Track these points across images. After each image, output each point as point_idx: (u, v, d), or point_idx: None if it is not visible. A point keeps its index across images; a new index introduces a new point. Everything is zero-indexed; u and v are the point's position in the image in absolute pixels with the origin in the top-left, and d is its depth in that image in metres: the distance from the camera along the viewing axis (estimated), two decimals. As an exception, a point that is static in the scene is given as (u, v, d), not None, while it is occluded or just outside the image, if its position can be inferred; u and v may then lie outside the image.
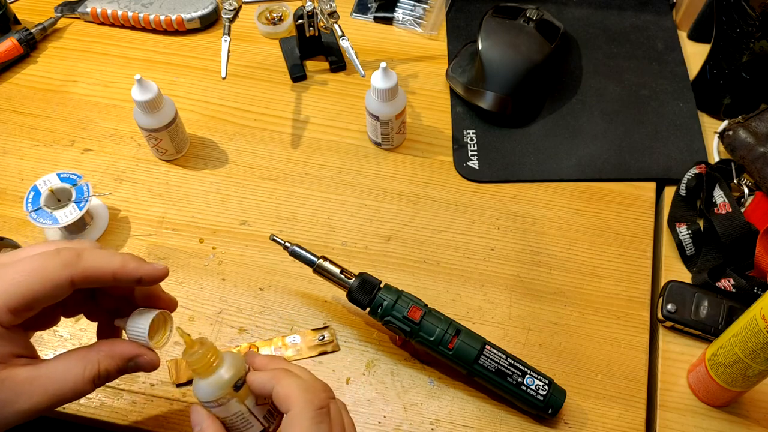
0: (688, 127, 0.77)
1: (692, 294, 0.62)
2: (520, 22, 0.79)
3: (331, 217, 0.71)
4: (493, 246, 0.69)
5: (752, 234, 0.64)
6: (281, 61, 0.85)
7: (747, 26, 0.72)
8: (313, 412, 0.45)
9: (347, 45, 0.73)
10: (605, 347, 0.63)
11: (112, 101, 0.81)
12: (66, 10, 0.89)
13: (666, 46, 0.84)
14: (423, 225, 0.71)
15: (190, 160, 0.76)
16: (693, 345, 0.62)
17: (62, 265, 0.44)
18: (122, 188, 0.74)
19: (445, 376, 0.61)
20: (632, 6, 0.88)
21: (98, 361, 0.46)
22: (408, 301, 0.59)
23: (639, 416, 0.59)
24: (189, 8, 0.87)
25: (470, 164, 0.75)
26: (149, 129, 0.71)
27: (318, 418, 0.45)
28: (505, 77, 0.76)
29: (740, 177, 0.71)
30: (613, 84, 0.81)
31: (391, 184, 0.74)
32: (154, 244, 0.70)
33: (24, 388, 0.43)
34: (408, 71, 0.83)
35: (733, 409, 0.59)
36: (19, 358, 0.44)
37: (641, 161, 0.75)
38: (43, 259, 0.44)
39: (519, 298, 0.66)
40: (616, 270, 0.67)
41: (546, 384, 0.57)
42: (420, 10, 0.89)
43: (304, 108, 0.80)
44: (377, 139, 0.75)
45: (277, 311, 0.65)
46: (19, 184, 0.74)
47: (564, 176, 0.74)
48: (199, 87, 0.83)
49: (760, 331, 0.48)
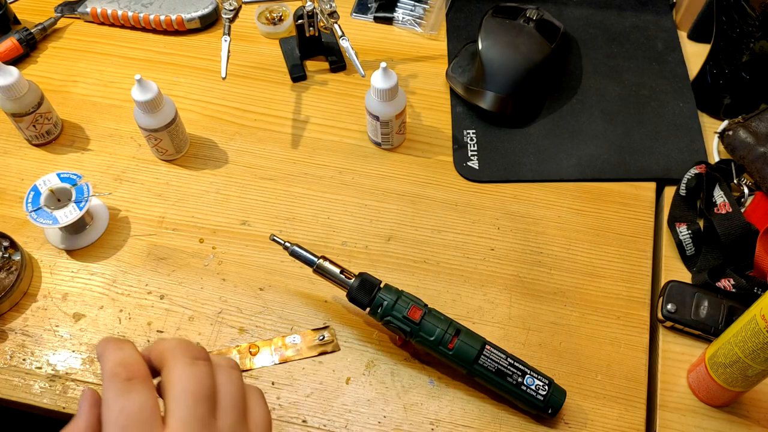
0: (688, 127, 0.77)
1: (692, 294, 0.62)
2: (520, 22, 0.79)
3: (331, 217, 0.71)
4: (493, 246, 0.69)
5: (752, 234, 0.64)
6: (281, 61, 0.85)
7: (747, 26, 0.72)
8: (190, 359, 0.38)
9: (347, 45, 0.73)
10: (605, 347, 0.63)
11: (112, 101, 0.81)
12: (66, 10, 0.89)
13: (666, 46, 0.84)
14: (423, 225, 0.71)
15: (190, 160, 0.76)
16: (693, 345, 0.62)
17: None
18: (122, 188, 0.74)
19: (445, 376, 0.61)
20: (632, 6, 0.88)
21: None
22: (408, 301, 0.59)
23: (639, 416, 0.59)
24: (189, 8, 0.87)
25: (470, 164, 0.75)
26: (149, 129, 0.71)
27: (194, 366, 0.37)
28: (505, 77, 0.76)
29: (740, 177, 0.71)
30: (613, 84, 0.81)
31: (391, 184, 0.74)
32: (154, 244, 0.70)
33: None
34: (408, 71, 0.83)
35: (733, 409, 0.59)
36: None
37: (641, 161, 0.75)
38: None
39: (519, 298, 0.66)
40: (616, 270, 0.67)
41: (546, 384, 0.57)
42: (420, 10, 0.89)
43: (304, 108, 0.80)
44: (377, 139, 0.75)
45: (277, 311, 0.65)
46: (19, 184, 0.74)
47: (564, 176, 0.74)
48: (199, 87, 0.83)
49: (760, 331, 0.48)
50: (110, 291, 0.67)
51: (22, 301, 0.66)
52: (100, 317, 0.65)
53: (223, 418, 0.38)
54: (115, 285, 0.67)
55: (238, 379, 0.40)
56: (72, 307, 0.66)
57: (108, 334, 0.64)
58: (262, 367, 0.62)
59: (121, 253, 0.69)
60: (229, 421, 0.38)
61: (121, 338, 0.42)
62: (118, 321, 0.65)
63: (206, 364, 0.38)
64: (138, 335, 0.64)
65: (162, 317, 0.65)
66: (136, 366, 0.37)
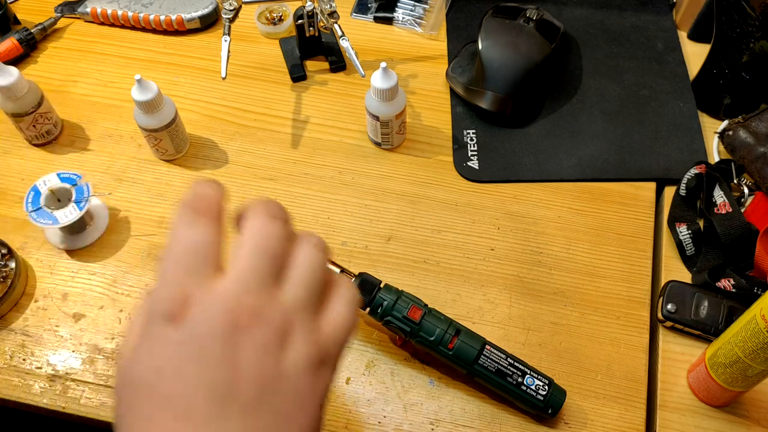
0: (688, 127, 0.77)
1: (692, 294, 0.62)
2: (520, 22, 0.79)
3: (331, 217, 0.71)
4: (493, 246, 0.69)
5: (752, 234, 0.64)
6: (281, 61, 0.85)
7: (747, 26, 0.72)
8: (269, 217, 0.34)
9: (347, 45, 0.73)
10: (605, 347, 0.63)
11: (112, 101, 0.81)
12: (66, 10, 0.89)
13: (666, 46, 0.84)
14: (423, 225, 0.71)
15: (190, 160, 0.76)
16: (693, 345, 0.62)
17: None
18: (122, 188, 0.74)
19: (445, 376, 0.61)
20: (632, 6, 0.88)
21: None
22: (408, 301, 0.59)
23: (639, 416, 0.59)
24: (189, 8, 0.87)
25: (470, 164, 0.75)
26: (149, 129, 0.71)
27: (270, 222, 0.34)
28: (505, 77, 0.76)
29: (740, 177, 0.71)
30: (613, 84, 0.81)
31: (391, 184, 0.74)
32: (154, 244, 0.70)
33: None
34: (408, 71, 0.83)
35: (733, 409, 0.59)
36: None
37: (641, 161, 0.75)
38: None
39: (519, 298, 0.66)
40: (616, 270, 0.67)
41: (546, 384, 0.57)
42: (420, 10, 0.89)
43: (304, 108, 0.80)
44: (377, 139, 0.75)
45: (277, 311, 0.65)
46: (19, 184, 0.74)
47: (564, 176, 0.74)
48: (199, 87, 0.83)
49: (760, 331, 0.48)
50: (110, 291, 0.67)
51: (22, 301, 0.66)
52: (100, 317, 0.65)
53: (287, 291, 0.33)
54: (115, 285, 0.67)
55: (320, 260, 0.35)
56: (72, 307, 0.66)
57: (108, 334, 0.64)
58: (262, 367, 0.62)
59: (121, 253, 0.69)
60: (292, 296, 0.33)
61: (216, 181, 0.37)
62: (118, 321, 0.65)
63: (284, 226, 0.34)
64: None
65: (162, 317, 0.65)
66: (211, 204, 0.34)
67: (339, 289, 0.36)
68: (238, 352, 0.31)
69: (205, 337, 0.31)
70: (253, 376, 0.32)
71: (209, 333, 0.31)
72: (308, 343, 0.33)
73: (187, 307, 0.32)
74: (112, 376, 0.61)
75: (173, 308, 0.32)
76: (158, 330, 0.32)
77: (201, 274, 0.32)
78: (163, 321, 0.32)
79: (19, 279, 0.65)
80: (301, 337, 0.33)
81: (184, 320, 0.31)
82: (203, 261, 0.33)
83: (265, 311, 0.32)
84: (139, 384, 0.32)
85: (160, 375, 0.31)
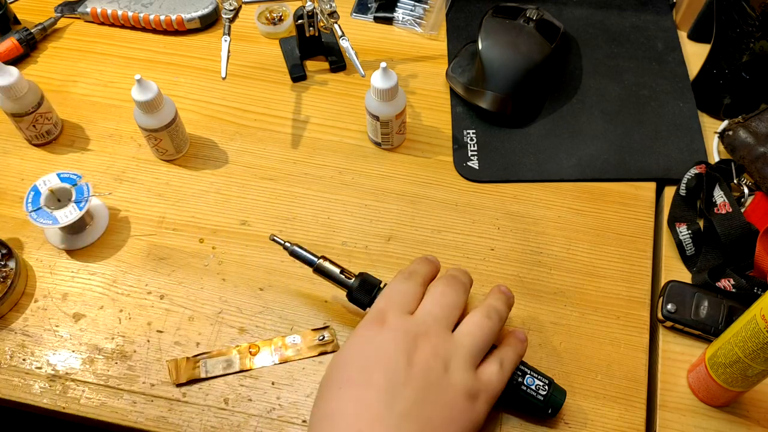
0: (688, 127, 0.77)
1: (692, 294, 0.62)
2: (520, 22, 0.79)
3: (331, 217, 0.71)
4: (493, 246, 0.69)
5: (752, 234, 0.64)
6: (281, 61, 0.85)
7: (747, 26, 0.72)
8: (457, 284, 0.55)
9: (347, 45, 0.73)
10: (605, 347, 0.63)
11: (112, 101, 0.81)
12: (66, 10, 0.89)
13: (666, 46, 0.84)
14: (423, 225, 0.71)
15: (190, 160, 0.76)
16: (693, 345, 0.62)
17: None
18: (122, 188, 0.74)
19: (445, 376, 0.61)
20: (632, 6, 0.88)
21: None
22: (408, 301, 0.59)
23: (639, 416, 0.59)
24: (189, 8, 0.87)
25: (470, 164, 0.75)
26: (149, 129, 0.71)
27: (455, 289, 0.55)
28: (505, 77, 0.76)
29: (740, 177, 0.71)
30: (613, 84, 0.81)
31: (391, 184, 0.74)
32: (154, 244, 0.70)
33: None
34: (408, 71, 0.83)
35: (733, 409, 0.59)
36: None
37: (641, 161, 0.75)
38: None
39: (519, 298, 0.66)
40: (616, 270, 0.67)
41: (546, 384, 0.57)
42: (420, 10, 0.89)
43: (304, 108, 0.80)
44: (377, 139, 0.75)
45: (277, 311, 0.65)
46: (19, 184, 0.74)
47: (564, 176, 0.74)
48: (199, 87, 0.83)
49: (760, 331, 0.48)
50: (110, 291, 0.67)
51: (22, 301, 0.66)
52: (100, 317, 0.65)
53: (456, 336, 0.51)
54: (115, 285, 0.67)
55: (492, 330, 0.53)
56: (72, 307, 0.66)
57: (108, 334, 0.64)
58: (262, 367, 0.62)
59: (121, 253, 0.69)
60: (458, 342, 0.51)
61: (432, 258, 0.59)
62: (118, 321, 0.65)
63: (462, 294, 0.55)
64: (138, 335, 0.64)
65: (162, 317, 0.65)
66: (420, 274, 0.56)
67: (500, 352, 0.54)
68: (417, 351, 0.49)
69: (395, 335, 0.50)
70: (422, 369, 0.48)
71: (395, 336, 0.50)
72: (467, 372, 0.50)
73: (387, 320, 0.51)
74: (113, 376, 0.61)
75: (378, 317, 0.52)
76: (363, 330, 0.52)
77: (401, 309, 0.52)
78: (369, 324, 0.52)
79: (19, 279, 0.65)
80: (462, 367, 0.50)
81: (384, 326, 0.51)
82: (406, 303, 0.53)
83: (439, 341, 0.50)
84: (341, 363, 0.50)
85: (357, 357, 0.50)
